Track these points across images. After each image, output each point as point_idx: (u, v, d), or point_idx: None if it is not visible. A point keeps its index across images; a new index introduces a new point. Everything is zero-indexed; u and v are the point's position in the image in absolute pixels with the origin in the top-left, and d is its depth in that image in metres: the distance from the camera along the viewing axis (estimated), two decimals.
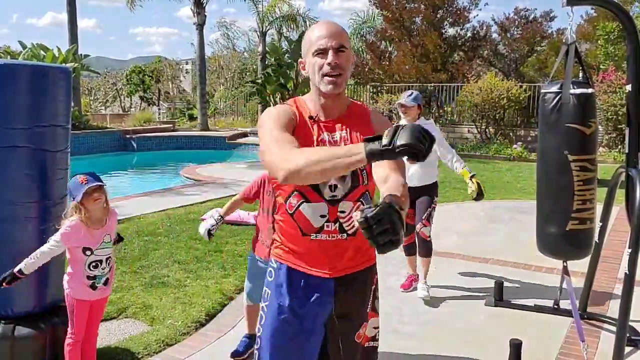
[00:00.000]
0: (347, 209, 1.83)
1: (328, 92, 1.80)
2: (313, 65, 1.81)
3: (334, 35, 1.79)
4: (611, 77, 13.21)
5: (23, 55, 14.18)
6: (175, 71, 32.81)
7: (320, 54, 1.79)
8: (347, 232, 1.85)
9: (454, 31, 19.62)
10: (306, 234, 1.86)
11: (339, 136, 1.85)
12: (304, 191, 1.82)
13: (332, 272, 1.88)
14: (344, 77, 1.80)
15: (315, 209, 1.83)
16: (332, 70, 1.77)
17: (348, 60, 1.81)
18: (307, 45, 1.83)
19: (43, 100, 2.91)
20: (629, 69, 3.33)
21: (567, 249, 3.52)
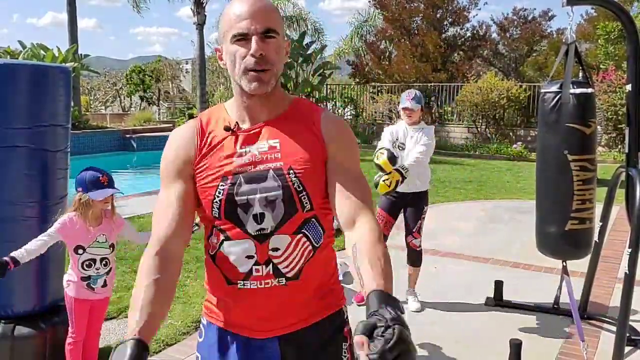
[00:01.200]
0: (282, 245, 1.36)
1: (252, 91, 1.35)
2: (232, 55, 1.34)
3: (259, 14, 1.32)
4: (611, 76, 13.21)
5: (23, 55, 14.18)
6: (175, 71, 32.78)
7: (240, 40, 1.32)
8: (285, 275, 1.37)
9: (454, 31, 19.64)
10: (232, 282, 1.40)
11: (266, 146, 1.38)
12: (222, 226, 1.38)
13: (272, 331, 1.41)
14: (273, 72, 1.35)
15: (239, 248, 1.37)
16: (257, 64, 1.32)
17: (279, 50, 1.36)
18: (225, 27, 1.35)
19: (43, 100, 2.92)
20: (629, 68, 3.33)
21: (567, 249, 3.52)
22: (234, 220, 1.37)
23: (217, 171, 1.38)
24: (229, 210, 1.36)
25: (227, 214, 1.37)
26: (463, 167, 12.24)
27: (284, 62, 1.41)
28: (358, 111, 18.15)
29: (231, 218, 1.37)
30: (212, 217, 1.39)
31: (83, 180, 2.71)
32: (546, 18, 20.35)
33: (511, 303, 4.19)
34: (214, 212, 1.38)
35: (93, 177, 2.70)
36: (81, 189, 2.69)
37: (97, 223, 2.77)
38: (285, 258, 1.37)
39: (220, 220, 1.38)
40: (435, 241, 5.96)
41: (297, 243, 1.37)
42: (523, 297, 4.32)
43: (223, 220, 1.38)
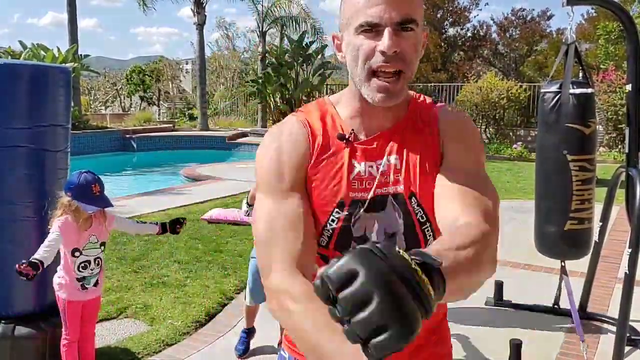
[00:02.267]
0: None
1: (377, 104, 1.09)
2: (355, 49, 1.07)
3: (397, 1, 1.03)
4: (611, 76, 13.21)
5: (23, 55, 14.18)
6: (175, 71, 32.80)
7: (368, 31, 1.04)
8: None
9: (454, 31, 19.66)
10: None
11: (385, 165, 1.14)
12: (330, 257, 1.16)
13: None
14: (407, 76, 1.07)
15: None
16: (387, 64, 1.04)
17: (417, 46, 1.08)
18: (349, 12, 1.07)
19: (43, 101, 2.92)
20: (629, 68, 3.33)
21: (566, 249, 3.52)
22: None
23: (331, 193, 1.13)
24: (341, 242, 1.15)
25: (338, 246, 1.15)
26: None
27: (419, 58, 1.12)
28: None
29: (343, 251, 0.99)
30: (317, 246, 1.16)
31: (74, 185, 2.65)
32: (545, 18, 20.38)
33: (511, 303, 4.19)
34: (321, 240, 1.16)
35: (85, 185, 2.64)
36: (71, 194, 2.65)
37: (87, 225, 2.76)
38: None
39: (327, 250, 1.16)
40: None
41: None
42: (523, 297, 4.32)
43: (331, 251, 1.16)
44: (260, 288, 3.32)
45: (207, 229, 6.27)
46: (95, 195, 2.67)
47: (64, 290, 2.75)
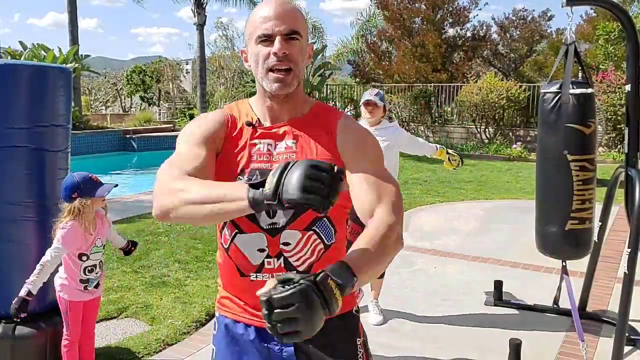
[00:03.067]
0: (292, 240, 1.40)
1: (274, 92, 1.40)
2: (256, 56, 1.39)
3: (284, 16, 1.37)
4: (610, 77, 13.21)
5: (24, 55, 14.18)
6: (176, 71, 32.76)
7: (264, 41, 1.38)
8: (295, 269, 1.41)
9: (454, 31, 19.66)
10: (245, 274, 1.44)
11: (284, 146, 1.43)
12: (236, 220, 1.41)
13: None
14: (295, 73, 1.39)
15: (251, 241, 1.41)
16: (279, 63, 1.36)
17: (301, 52, 1.41)
18: (250, 29, 1.41)
19: (43, 100, 2.92)
20: (629, 69, 3.33)
21: (566, 249, 3.53)
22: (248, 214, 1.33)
23: (235, 164, 1.42)
24: None
25: None
26: (463, 167, 12.22)
27: (306, 65, 1.45)
28: (358, 111, 18.17)
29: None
30: None
31: (76, 184, 2.66)
32: (545, 18, 20.37)
33: (511, 303, 4.19)
34: None
35: (86, 179, 2.67)
36: (77, 194, 2.65)
37: (93, 228, 2.76)
38: (295, 252, 1.42)
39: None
40: (435, 241, 5.96)
41: (307, 239, 1.42)
42: (523, 297, 4.33)
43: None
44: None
45: (207, 229, 6.27)
46: (99, 183, 2.70)
47: (66, 291, 2.75)
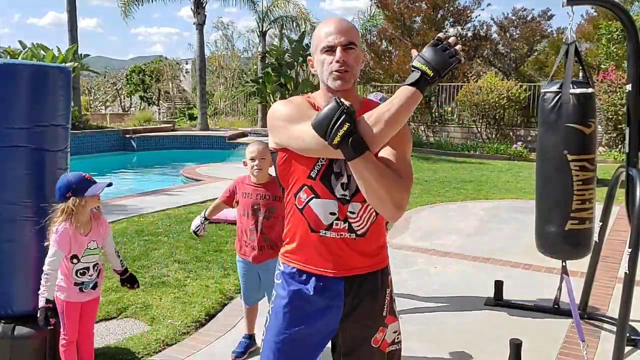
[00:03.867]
0: (356, 210, 1.78)
1: (336, 88, 1.77)
2: (321, 63, 1.78)
3: (343, 32, 1.76)
4: (611, 76, 13.21)
5: (23, 55, 14.16)
6: (175, 71, 32.76)
7: (328, 51, 1.76)
8: (356, 232, 1.80)
9: (455, 31, 19.63)
10: (315, 230, 1.81)
11: None
12: (314, 187, 1.79)
13: (340, 272, 1.82)
14: (352, 73, 1.77)
15: (325, 205, 1.78)
16: (339, 67, 1.74)
17: (357, 59, 1.79)
18: (316, 42, 1.81)
19: (43, 100, 2.92)
20: (629, 68, 3.33)
21: (566, 249, 3.52)
22: (326, 184, 1.78)
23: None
24: (325, 174, 1.77)
25: (323, 177, 1.77)
26: (463, 167, 12.25)
27: (360, 68, 1.84)
28: None
29: (325, 181, 1.78)
30: (306, 177, 1.79)
31: (69, 184, 2.67)
32: (545, 18, 20.35)
33: (511, 303, 4.19)
34: (312, 173, 1.78)
35: (79, 178, 2.68)
36: (70, 193, 2.66)
37: (87, 230, 2.75)
38: (358, 219, 1.80)
39: (314, 181, 1.78)
40: (435, 241, 5.96)
41: (365, 209, 1.79)
42: (523, 297, 4.33)
43: (317, 181, 1.78)
44: (251, 290, 3.34)
45: (207, 229, 6.27)
46: (92, 181, 2.70)
47: (62, 291, 2.74)
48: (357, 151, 1.61)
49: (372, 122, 1.64)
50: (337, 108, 1.59)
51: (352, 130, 1.59)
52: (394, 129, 1.65)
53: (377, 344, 1.88)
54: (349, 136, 1.58)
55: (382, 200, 1.67)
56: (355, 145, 1.60)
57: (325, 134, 1.60)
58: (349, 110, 1.60)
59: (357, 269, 1.83)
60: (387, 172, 1.66)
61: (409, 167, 1.76)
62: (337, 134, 1.58)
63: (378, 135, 1.63)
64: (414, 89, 1.62)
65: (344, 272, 1.82)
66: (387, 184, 1.65)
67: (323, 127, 1.60)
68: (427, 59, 1.62)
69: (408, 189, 1.71)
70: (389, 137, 1.67)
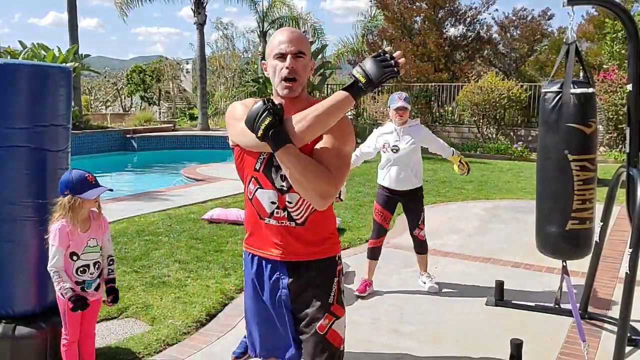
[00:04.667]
0: (294, 200, 1.96)
1: (284, 95, 1.95)
2: (273, 68, 1.94)
3: (294, 41, 1.92)
4: (612, 76, 13.20)
5: (23, 55, 14.16)
6: (176, 71, 32.75)
7: (279, 58, 1.92)
8: (295, 220, 1.98)
9: (455, 31, 19.64)
10: (262, 217, 2.02)
11: None
12: (259, 178, 1.99)
13: (283, 256, 2.00)
14: (300, 82, 1.93)
15: (267, 195, 1.98)
16: (288, 74, 1.90)
17: (305, 67, 1.95)
18: (270, 48, 1.97)
19: (43, 100, 2.92)
20: (630, 68, 3.33)
21: (567, 249, 3.52)
22: (267, 175, 1.97)
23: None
24: (267, 167, 1.96)
25: (265, 169, 1.97)
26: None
27: (309, 75, 2.02)
28: (359, 111, 18.15)
29: (266, 173, 1.97)
30: (252, 169, 2.00)
31: (69, 182, 2.67)
32: (545, 17, 20.35)
33: (511, 303, 4.19)
34: (256, 165, 1.98)
35: (81, 177, 2.68)
36: (68, 191, 2.66)
37: (86, 227, 2.75)
38: (296, 209, 1.98)
39: (258, 173, 1.99)
40: (436, 241, 5.95)
41: (303, 201, 1.96)
42: (523, 297, 4.32)
43: (261, 173, 1.98)
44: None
45: (207, 229, 6.27)
46: (93, 184, 2.70)
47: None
48: (277, 144, 1.77)
49: (297, 119, 1.81)
50: (262, 106, 1.77)
51: (274, 124, 1.75)
52: (319, 127, 1.82)
53: (322, 331, 2.01)
54: (270, 129, 1.75)
55: (306, 190, 1.84)
56: (276, 137, 1.77)
57: (252, 128, 1.78)
58: (273, 107, 1.77)
59: (299, 255, 2.01)
60: (310, 164, 1.82)
61: (341, 162, 1.90)
62: (260, 127, 1.75)
63: (300, 131, 1.80)
64: (346, 93, 1.81)
65: (287, 257, 2.01)
66: (310, 175, 1.80)
67: (250, 122, 1.78)
68: (365, 68, 1.81)
69: (335, 181, 1.85)
70: (313, 134, 1.83)
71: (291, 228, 1.99)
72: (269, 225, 2.01)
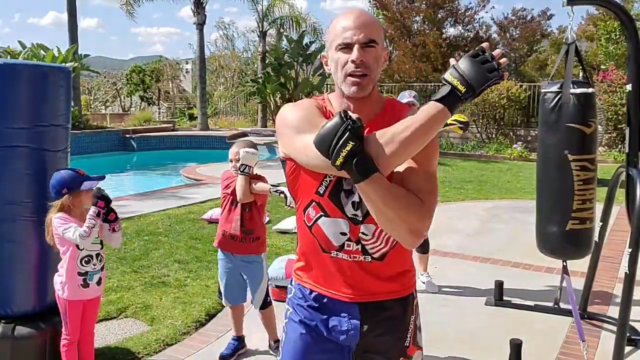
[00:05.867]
0: (370, 231, 1.58)
1: (352, 95, 1.54)
2: (336, 62, 1.55)
3: (363, 26, 1.51)
4: (611, 76, 13.21)
5: (23, 55, 14.15)
6: (176, 71, 32.77)
7: (344, 49, 1.52)
8: (371, 255, 1.60)
9: (454, 31, 19.66)
10: (326, 250, 1.62)
11: None
12: (323, 204, 1.59)
13: (355, 296, 1.62)
14: (371, 77, 1.53)
15: (335, 225, 1.59)
16: (356, 69, 1.51)
17: (377, 59, 1.54)
18: (331, 37, 1.56)
19: (43, 100, 2.91)
20: (629, 68, 3.33)
21: (567, 249, 3.52)
22: (335, 202, 1.57)
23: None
24: (334, 192, 1.56)
25: (331, 194, 1.57)
26: (463, 167, 12.24)
27: (382, 68, 1.59)
28: None
29: (333, 199, 1.57)
30: (314, 192, 1.59)
31: (64, 181, 2.71)
32: (545, 17, 20.37)
33: (511, 303, 4.19)
34: (319, 189, 1.58)
35: (72, 174, 2.72)
36: (66, 190, 2.70)
37: (82, 220, 2.75)
38: (373, 242, 1.59)
39: (322, 197, 1.58)
40: (435, 241, 5.94)
41: (380, 232, 1.58)
42: (523, 297, 4.32)
43: (325, 198, 1.58)
44: (230, 286, 3.33)
45: (207, 229, 6.27)
46: (85, 176, 2.73)
47: (65, 289, 2.74)
48: (363, 174, 1.38)
49: (384, 141, 1.40)
50: (340, 124, 1.36)
51: (357, 150, 1.36)
52: (410, 151, 1.43)
53: None
54: (354, 157, 1.36)
55: (396, 226, 1.46)
56: (361, 167, 1.38)
57: (328, 154, 1.38)
58: (354, 126, 1.36)
59: (375, 295, 1.63)
60: (401, 195, 1.44)
61: (432, 186, 1.53)
62: (339, 154, 1.35)
63: (390, 157, 1.40)
64: (441, 106, 1.42)
65: (359, 297, 1.62)
66: (401, 208, 1.44)
67: (325, 146, 1.38)
68: (462, 72, 1.41)
69: (429, 213, 1.50)
70: (404, 159, 1.46)
71: (366, 263, 1.60)
72: (337, 260, 1.61)
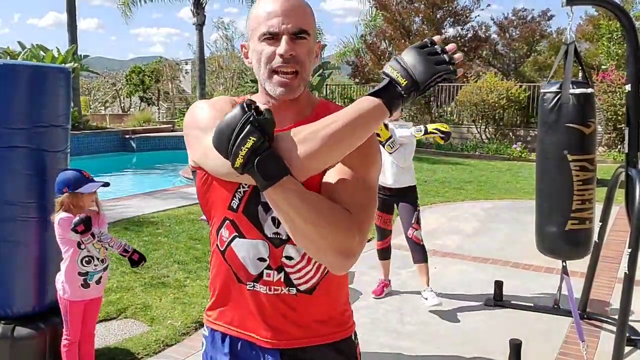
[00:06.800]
0: (295, 255, 1.27)
1: (278, 97, 1.25)
2: (259, 54, 1.25)
3: (292, 12, 1.22)
4: (611, 76, 13.22)
5: (22, 55, 14.16)
6: (175, 71, 32.74)
7: (269, 39, 1.23)
8: (297, 287, 1.28)
9: (454, 31, 19.66)
10: (241, 281, 1.31)
11: None
12: (237, 221, 1.28)
13: (276, 341, 1.30)
14: (302, 76, 1.25)
15: (252, 248, 1.28)
16: (284, 65, 1.22)
17: (309, 52, 1.26)
18: (253, 23, 1.26)
19: (43, 101, 2.91)
20: (629, 68, 3.33)
21: (567, 249, 3.52)
22: (251, 218, 1.26)
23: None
24: (249, 205, 1.26)
25: (246, 209, 1.27)
26: (463, 167, 12.25)
27: (315, 65, 1.31)
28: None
29: (249, 215, 1.26)
30: (226, 207, 1.28)
31: (67, 180, 2.72)
32: (545, 18, 20.39)
33: (510, 303, 4.19)
34: (232, 203, 1.27)
35: (77, 175, 2.73)
36: (67, 189, 2.70)
37: None
38: (298, 269, 1.28)
39: (236, 213, 1.27)
40: (435, 241, 5.95)
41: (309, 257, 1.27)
42: (523, 297, 4.33)
43: (239, 214, 1.27)
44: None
45: (207, 229, 6.23)
46: (89, 179, 2.74)
47: (67, 290, 2.74)
48: (268, 177, 1.10)
49: (300, 138, 1.13)
50: (240, 116, 1.07)
51: (261, 147, 1.08)
52: (335, 152, 1.15)
53: None
54: (255, 155, 1.08)
55: (317, 246, 1.16)
56: (265, 168, 1.09)
57: (226, 152, 1.09)
58: (258, 118, 1.07)
59: (302, 340, 1.31)
60: (322, 207, 1.15)
61: (367, 199, 1.24)
62: (238, 152, 1.07)
63: (306, 157, 1.12)
64: (377, 100, 1.14)
65: (281, 343, 1.30)
66: (323, 223, 1.14)
67: (222, 142, 1.09)
68: (404, 64, 1.15)
69: (359, 229, 1.18)
70: (327, 162, 1.17)
71: (290, 298, 1.29)
72: (254, 293, 1.29)
